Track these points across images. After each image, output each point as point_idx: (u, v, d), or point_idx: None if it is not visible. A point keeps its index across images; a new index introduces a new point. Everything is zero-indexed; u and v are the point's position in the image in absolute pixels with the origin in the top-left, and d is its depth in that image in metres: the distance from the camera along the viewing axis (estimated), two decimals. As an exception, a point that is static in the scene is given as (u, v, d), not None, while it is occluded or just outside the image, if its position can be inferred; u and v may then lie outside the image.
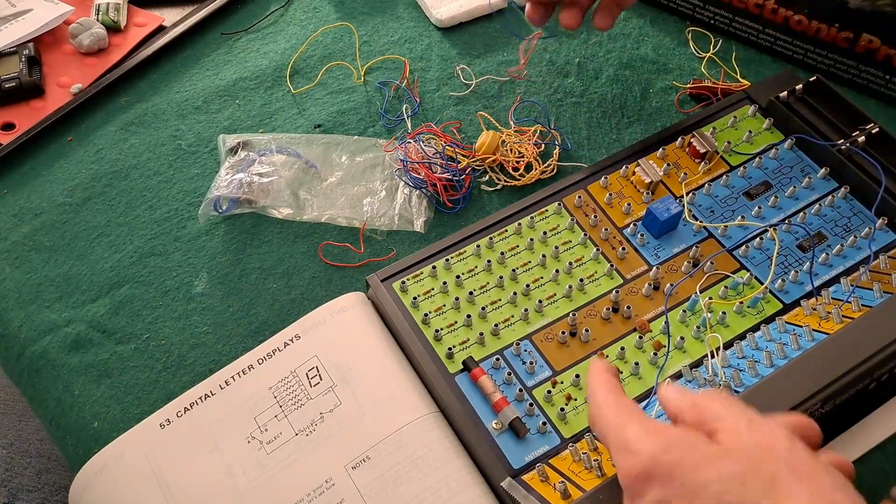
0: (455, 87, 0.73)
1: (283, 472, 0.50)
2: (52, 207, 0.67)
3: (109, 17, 0.78)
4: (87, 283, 0.62)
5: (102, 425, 0.55)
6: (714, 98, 0.69)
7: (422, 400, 0.52)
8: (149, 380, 0.57)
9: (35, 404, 0.59)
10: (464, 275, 0.57)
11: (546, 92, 0.72)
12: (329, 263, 0.62)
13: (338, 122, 0.71)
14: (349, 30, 0.78)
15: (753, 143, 0.63)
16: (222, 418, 0.53)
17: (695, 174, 0.61)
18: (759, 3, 0.70)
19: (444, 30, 0.78)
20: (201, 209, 0.64)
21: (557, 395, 0.51)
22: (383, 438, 0.51)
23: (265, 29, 0.79)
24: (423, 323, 0.55)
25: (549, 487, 0.46)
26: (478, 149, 0.66)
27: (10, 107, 0.73)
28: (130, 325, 0.60)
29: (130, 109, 0.73)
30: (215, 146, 0.69)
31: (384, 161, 0.67)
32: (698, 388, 0.50)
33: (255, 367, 0.55)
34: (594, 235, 0.58)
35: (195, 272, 0.62)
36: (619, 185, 0.61)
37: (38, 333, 0.60)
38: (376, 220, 0.64)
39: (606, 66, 0.74)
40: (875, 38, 0.66)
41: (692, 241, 0.58)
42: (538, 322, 0.55)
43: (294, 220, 0.64)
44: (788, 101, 0.64)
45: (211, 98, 0.73)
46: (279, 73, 0.75)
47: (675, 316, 0.54)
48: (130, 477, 0.51)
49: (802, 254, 0.57)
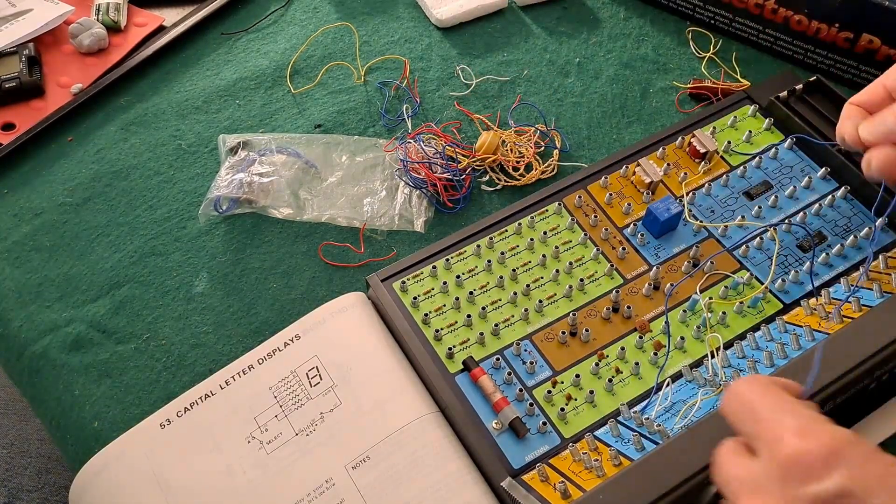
0: (455, 87, 0.73)
1: (284, 471, 0.50)
2: (52, 207, 0.67)
3: (109, 17, 0.78)
4: (88, 283, 0.62)
5: (102, 425, 0.55)
6: (714, 98, 0.69)
7: (422, 400, 0.52)
8: (149, 380, 0.57)
9: (35, 404, 0.59)
10: (464, 275, 0.57)
11: (546, 92, 0.72)
12: (329, 263, 0.62)
13: (338, 122, 0.71)
14: (349, 30, 0.78)
15: (753, 143, 0.63)
16: (222, 418, 0.53)
17: (695, 174, 0.61)
18: (759, 3, 0.70)
19: (444, 30, 0.78)
20: (201, 209, 0.64)
21: (557, 395, 0.51)
22: (383, 438, 0.51)
23: (265, 29, 0.79)
24: (424, 323, 0.55)
25: (549, 487, 0.46)
26: (478, 149, 0.66)
27: (10, 107, 0.73)
28: (130, 325, 0.60)
29: (130, 109, 0.73)
30: (215, 146, 0.69)
31: (384, 161, 0.67)
32: (699, 388, 0.50)
33: (255, 367, 0.55)
34: (594, 235, 0.58)
35: (195, 272, 0.62)
36: (619, 185, 0.61)
37: (39, 333, 0.60)
38: (376, 220, 0.64)
39: (606, 66, 0.74)
40: (875, 38, 0.66)
41: (692, 241, 0.58)
42: (538, 322, 0.55)
43: (294, 220, 0.64)
44: (788, 101, 0.64)
45: (211, 98, 0.73)
46: (279, 73, 0.75)
47: (676, 316, 0.54)
48: (130, 477, 0.51)
49: (802, 254, 0.57)
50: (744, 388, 0.35)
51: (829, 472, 0.31)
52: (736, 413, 0.35)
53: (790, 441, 0.32)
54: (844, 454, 0.31)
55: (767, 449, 0.33)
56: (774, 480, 0.32)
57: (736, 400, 0.36)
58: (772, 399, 0.34)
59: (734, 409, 0.36)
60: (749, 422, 0.34)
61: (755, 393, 0.35)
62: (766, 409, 0.34)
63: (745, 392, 0.35)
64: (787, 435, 0.32)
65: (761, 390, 0.35)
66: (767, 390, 0.35)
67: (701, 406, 0.48)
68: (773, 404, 0.34)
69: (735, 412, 0.36)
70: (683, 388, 0.51)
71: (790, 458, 0.31)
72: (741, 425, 0.35)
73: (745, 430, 0.35)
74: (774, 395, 0.34)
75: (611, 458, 0.47)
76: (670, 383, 0.51)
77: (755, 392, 0.35)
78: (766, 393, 0.35)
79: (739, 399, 0.35)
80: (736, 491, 0.34)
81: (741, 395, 0.35)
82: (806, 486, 0.31)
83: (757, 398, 0.35)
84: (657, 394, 0.51)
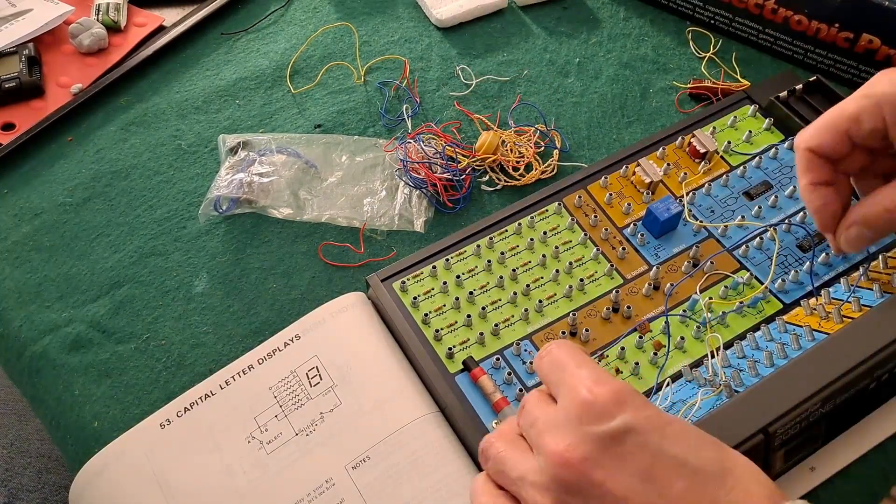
0: (455, 87, 0.73)
1: (283, 471, 0.50)
2: (52, 207, 0.67)
3: (109, 17, 0.78)
4: (88, 283, 0.62)
5: (102, 425, 0.55)
6: (714, 98, 0.69)
7: (422, 400, 0.52)
8: (149, 380, 0.57)
9: (35, 404, 0.59)
10: (464, 275, 0.57)
11: (546, 92, 0.72)
12: (329, 263, 0.62)
13: (338, 122, 0.71)
14: (349, 30, 0.78)
15: (753, 143, 0.63)
16: (222, 418, 0.53)
17: (695, 174, 0.61)
18: (759, 3, 0.70)
19: (444, 30, 0.78)
20: (201, 209, 0.64)
21: (557, 395, 0.51)
22: (383, 438, 0.51)
23: (265, 29, 0.79)
24: (424, 323, 0.55)
25: (549, 487, 0.46)
26: (478, 149, 0.66)
27: (10, 107, 0.73)
28: (130, 325, 0.60)
29: (130, 109, 0.73)
30: (215, 146, 0.69)
31: (384, 161, 0.67)
32: (699, 388, 0.50)
33: (255, 367, 0.55)
34: (594, 235, 0.58)
35: (195, 272, 0.62)
36: (619, 185, 0.61)
37: (38, 333, 0.60)
38: (376, 220, 0.64)
39: (606, 66, 0.74)
40: (875, 38, 0.66)
41: (692, 241, 0.58)
42: (538, 322, 0.55)
43: (294, 220, 0.64)
44: (788, 101, 0.64)
45: (211, 98, 0.73)
46: (279, 73, 0.75)
47: (675, 316, 0.54)
48: (130, 477, 0.51)
49: (802, 254, 0.57)
50: (555, 349, 0.42)
51: (617, 413, 0.37)
52: (546, 368, 0.41)
53: (586, 388, 0.38)
54: (628, 400, 0.37)
55: (568, 396, 0.39)
56: (572, 420, 0.38)
57: (549, 357, 0.42)
58: (575, 357, 0.40)
59: (545, 365, 0.42)
60: (556, 373, 0.40)
61: (563, 352, 0.41)
62: (569, 364, 0.40)
63: (555, 351, 0.42)
64: (584, 384, 0.38)
65: (568, 350, 0.41)
66: (573, 350, 0.41)
67: (701, 406, 0.49)
68: (576, 361, 0.40)
69: (545, 367, 0.42)
70: (683, 388, 0.51)
71: (586, 402, 0.37)
72: (549, 376, 0.41)
73: (552, 380, 0.41)
74: (577, 355, 0.41)
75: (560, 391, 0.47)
76: (670, 383, 0.51)
77: (563, 352, 0.41)
78: (571, 352, 0.41)
79: (551, 356, 0.41)
80: (540, 430, 0.39)
81: (552, 353, 0.42)
82: (598, 426, 0.37)
83: (564, 356, 0.41)
84: (657, 394, 0.51)
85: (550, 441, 0.38)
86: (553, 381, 0.41)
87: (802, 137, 0.49)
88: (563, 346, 0.42)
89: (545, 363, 0.42)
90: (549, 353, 0.42)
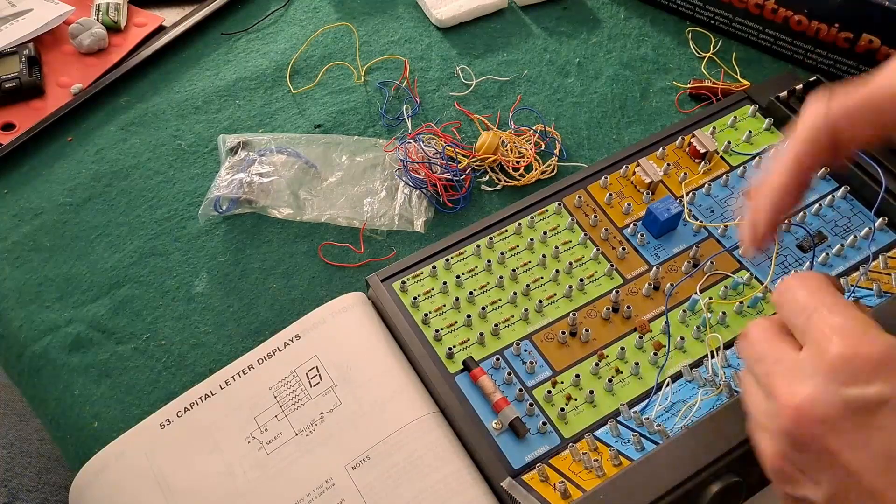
0: (455, 87, 0.73)
1: (283, 471, 0.50)
2: (52, 207, 0.67)
3: (109, 17, 0.78)
4: (88, 283, 0.62)
5: (102, 425, 0.55)
6: (714, 98, 0.69)
7: (422, 400, 0.52)
8: (149, 380, 0.57)
9: (35, 404, 0.59)
10: (464, 275, 0.57)
11: (546, 92, 0.72)
12: (329, 263, 0.62)
13: (338, 122, 0.71)
14: (349, 30, 0.78)
15: (753, 143, 0.63)
16: (222, 418, 0.53)
17: (695, 174, 0.61)
18: (759, 3, 0.70)
19: (444, 30, 0.78)
20: (201, 209, 0.64)
21: (557, 395, 0.51)
22: (383, 438, 0.51)
23: (265, 29, 0.79)
24: (423, 323, 0.55)
25: (549, 487, 0.46)
26: (478, 149, 0.66)
27: (10, 107, 0.73)
28: (130, 325, 0.60)
29: (130, 109, 0.73)
30: (215, 146, 0.69)
31: (384, 161, 0.67)
32: (699, 388, 0.50)
33: (255, 367, 0.55)
34: (594, 235, 0.58)
35: (195, 272, 0.62)
36: (619, 185, 0.61)
37: (38, 333, 0.60)
38: (376, 220, 0.64)
39: (606, 66, 0.74)
40: (875, 38, 0.66)
41: (692, 241, 0.58)
42: (538, 322, 0.55)
43: (294, 220, 0.64)
44: (788, 101, 0.64)
45: (211, 98, 0.73)
46: (279, 73, 0.75)
47: (675, 316, 0.54)
48: (130, 477, 0.51)
49: (802, 254, 0.57)
50: (797, 284, 0.35)
51: (875, 379, 0.31)
52: (788, 305, 0.35)
53: (842, 342, 0.32)
54: (893, 365, 0.31)
55: (816, 345, 0.33)
56: (819, 373, 0.32)
57: (789, 293, 0.35)
58: (826, 297, 0.34)
59: (786, 301, 0.35)
60: (801, 316, 0.34)
61: (809, 288, 0.35)
62: (820, 307, 0.34)
63: (798, 287, 0.35)
64: (840, 336, 0.32)
65: (816, 285, 0.35)
66: (821, 287, 0.34)
67: (701, 406, 0.49)
68: (827, 303, 0.34)
69: (786, 303, 0.35)
70: (683, 388, 0.51)
71: (841, 357, 0.31)
72: (793, 318, 0.35)
73: (797, 323, 0.34)
74: (829, 294, 0.34)
75: (611, 458, 0.47)
76: (670, 383, 0.51)
77: (809, 287, 0.35)
78: (819, 290, 0.34)
79: (792, 293, 0.35)
80: (770, 371, 0.34)
81: (792, 289, 0.35)
82: (848, 388, 0.31)
83: (810, 295, 0.34)
84: (657, 394, 0.51)
85: (784, 388, 0.33)
86: (798, 324, 0.34)
87: (840, 103, 0.38)
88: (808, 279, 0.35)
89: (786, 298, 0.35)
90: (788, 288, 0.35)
